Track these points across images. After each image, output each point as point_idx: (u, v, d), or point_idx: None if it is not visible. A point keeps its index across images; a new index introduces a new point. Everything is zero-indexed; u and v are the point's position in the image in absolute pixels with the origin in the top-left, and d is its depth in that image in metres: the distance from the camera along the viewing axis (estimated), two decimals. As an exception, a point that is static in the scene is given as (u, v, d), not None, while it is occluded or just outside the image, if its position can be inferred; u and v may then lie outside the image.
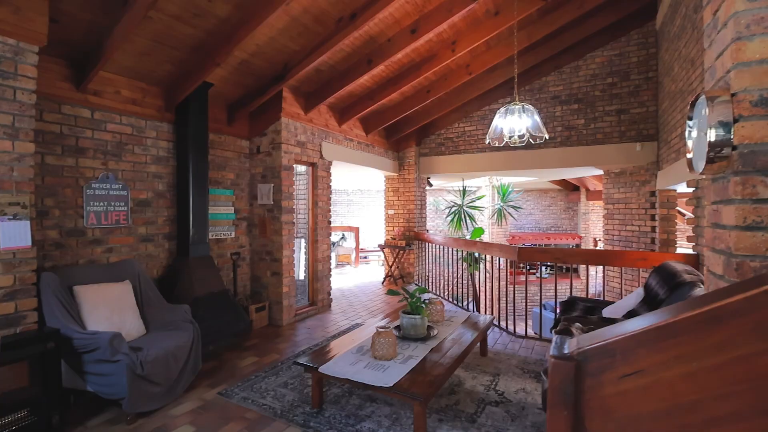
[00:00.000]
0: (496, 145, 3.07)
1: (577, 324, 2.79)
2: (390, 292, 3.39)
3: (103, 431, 2.49)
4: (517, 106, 2.89)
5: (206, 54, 3.67)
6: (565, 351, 0.59)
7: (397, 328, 3.26)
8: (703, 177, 1.68)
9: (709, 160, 1.38)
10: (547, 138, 3.03)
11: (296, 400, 2.90)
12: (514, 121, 2.91)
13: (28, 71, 2.63)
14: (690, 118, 1.60)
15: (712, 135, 1.36)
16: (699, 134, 1.50)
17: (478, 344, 3.81)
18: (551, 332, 3.21)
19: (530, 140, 3.00)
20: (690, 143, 1.61)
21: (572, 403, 0.56)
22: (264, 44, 3.89)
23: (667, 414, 0.52)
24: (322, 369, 2.62)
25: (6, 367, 2.35)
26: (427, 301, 3.44)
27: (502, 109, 3.01)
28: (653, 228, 5.53)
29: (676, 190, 5.35)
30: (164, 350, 2.79)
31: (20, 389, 2.40)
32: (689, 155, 1.62)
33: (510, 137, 2.91)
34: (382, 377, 2.47)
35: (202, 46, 3.61)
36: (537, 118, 2.93)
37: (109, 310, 2.92)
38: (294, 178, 5.08)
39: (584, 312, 3.59)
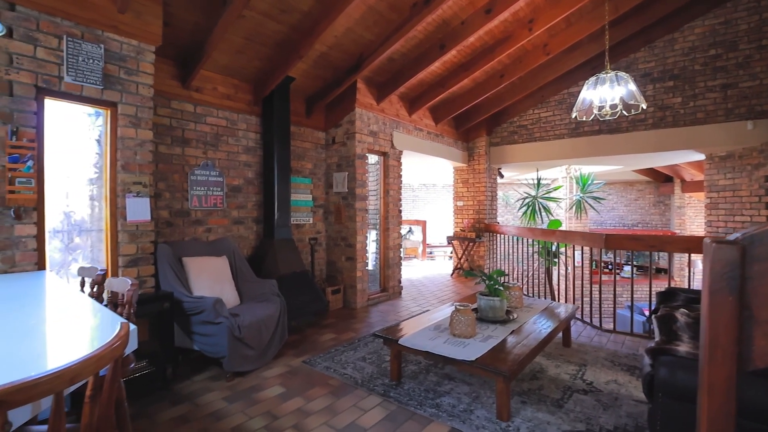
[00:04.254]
0: (584, 119, 2.87)
1: (683, 310, 2.52)
2: (467, 274, 3.35)
3: (207, 385, 2.78)
4: (609, 75, 2.68)
5: (290, 49, 3.93)
6: (728, 238, 0.55)
7: (474, 310, 3.21)
8: None
9: None
10: (645, 107, 2.76)
11: (375, 372, 2.99)
12: (605, 92, 2.70)
13: (147, 68, 3.02)
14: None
15: None
16: None
17: (560, 334, 3.61)
18: (649, 320, 2.94)
19: (623, 112, 2.76)
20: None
21: (737, 289, 0.52)
22: (341, 35, 4.05)
23: None
24: (402, 341, 2.67)
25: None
26: (506, 284, 3.34)
27: (592, 79, 2.80)
28: (770, 217, 4.81)
29: (800, 173, 4.61)
30: (257, 318, 3.04)
31: (142, 342, 2.76)
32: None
33: (600, 108, 2.71)
34: (463, 352, 2.46)
35: (286, 41, 3.87)
36: (632, 86, 2.69)
37: (210, 280, 3.26)
38: (366, 167, 5.22)
39: (687, 303, 3.23)
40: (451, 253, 8.12)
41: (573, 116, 2.95)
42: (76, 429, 1.13)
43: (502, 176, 7.85)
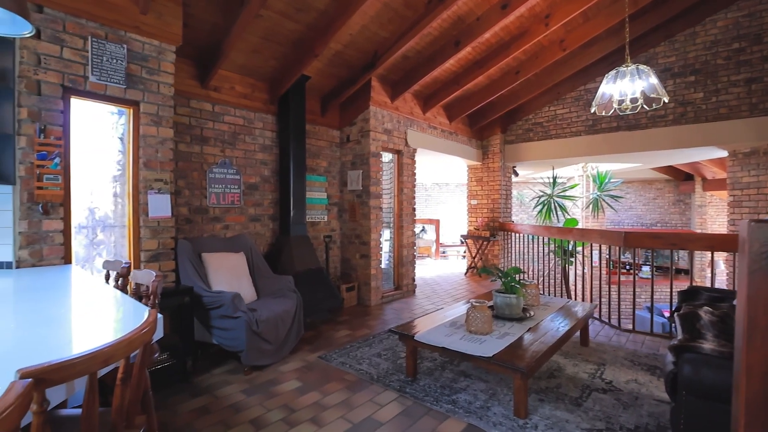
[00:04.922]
0: (603, 114, 2.82)
1: (706, 308, 2.46)
2: (482, 271, 3.33)
3: (226, 378, 2.83)
4: (629, 68, 2.63)
5: (306, 47, 3.96)
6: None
7: (490, 307, 3.19)
8: None
9: None
10: (666, 101, 2.70)
11: (390, 368, 2.99)
12: (626, 86, 2.65)
13: (168, 68, 3.09)
14: None
15: None
16: None
17: (578, 333, 3.56)
18: (671, 319, 2.88)
19: (644, 106, 2.71)
20: None
21: (778, 269, 0.51)
22: (356, 33, 4.07)
23: None
24: (418, 337, 2.67)
25: (153, 315, 2.79)
26: (522, 281, 3.31)
27: (611, 73, 2.75)
28: (798, 215, 4.65)
29: (830, 170, 4.45)
30: (274, 313, 3.08)
31: (163, 335, 2.82)
32: None
33: (621, 102, 2.66)
34: (480, 348, 2.44)
35: (302, 40, 3.90)
36: (654, 79, 2.63)
37: (229, 275, 3.31)
38: (380, 166, 5.23)
39: (710, 302, 3.14)
40: (465, 252, 8.07)
41: (592, 111, 2.91)
42: (106, 412, 1.16)
43: (516, 174, 7.77)
